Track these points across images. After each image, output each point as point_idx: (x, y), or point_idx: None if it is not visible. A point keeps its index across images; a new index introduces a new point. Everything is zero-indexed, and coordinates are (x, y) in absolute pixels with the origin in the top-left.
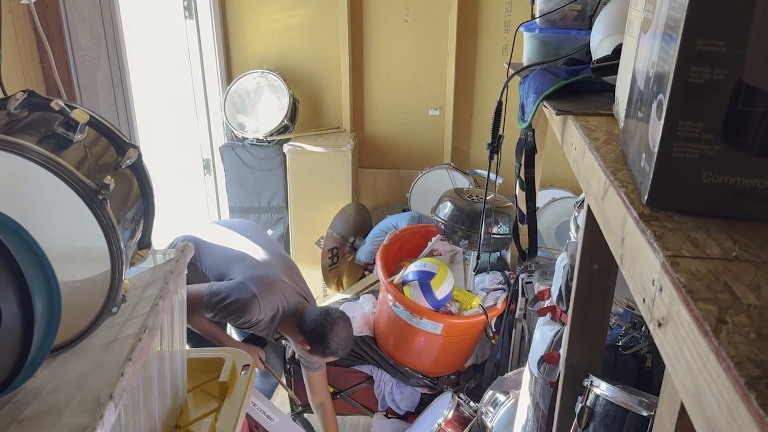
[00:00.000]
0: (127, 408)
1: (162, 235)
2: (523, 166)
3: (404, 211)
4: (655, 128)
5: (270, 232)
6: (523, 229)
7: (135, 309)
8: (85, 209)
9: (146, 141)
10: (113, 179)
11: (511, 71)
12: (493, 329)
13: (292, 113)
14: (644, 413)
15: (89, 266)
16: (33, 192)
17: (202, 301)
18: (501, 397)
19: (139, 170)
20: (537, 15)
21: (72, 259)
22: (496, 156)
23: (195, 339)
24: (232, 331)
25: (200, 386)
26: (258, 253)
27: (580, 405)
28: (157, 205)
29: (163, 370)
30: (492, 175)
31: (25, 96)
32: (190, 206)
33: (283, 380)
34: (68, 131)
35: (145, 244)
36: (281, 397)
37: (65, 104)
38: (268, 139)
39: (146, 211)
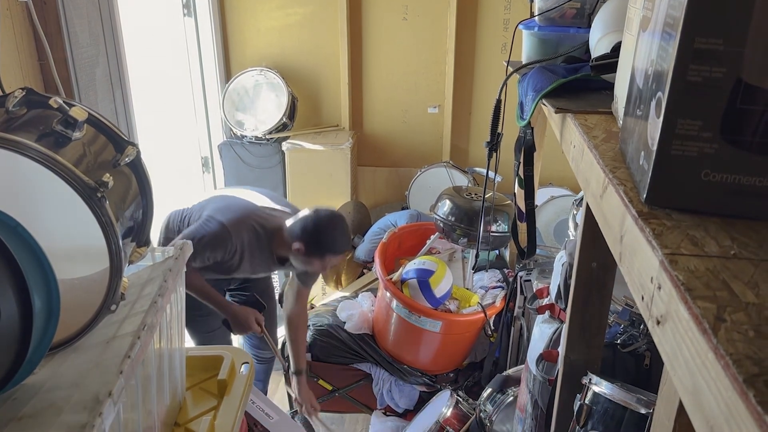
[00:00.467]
0: (126, 406)
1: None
2: (522, 164)
3: (403, 209)
4: (654, 126)
5: None
6: (522, 227)
7: (134, 307)
8: (83, 207)
9: (145, 139)
10: (112, 177)
11: (510, 69)
12: (492, 327)
13: (291, 111)
14: (643, 411)
15: (88, 264)
16: (31, 189)
17: None
18: (499, 395)
19: (137, 168)
20: (536, 13)
21: (71, 256)
22: (495, 154)
23: (194, 326)
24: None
25: (199, 384)
26: (235, 193)
27: (579, 403)
28: (156, 203)
29: (162, 368)
30: (491, 173)
31: (24, 93)
32: (189, 204)
33: (278, 349)
34: (67, 129)
35: (143, 241)
36: (280, 394)
37: (64, 102)
38: (266, 137)
39: (145, 209)
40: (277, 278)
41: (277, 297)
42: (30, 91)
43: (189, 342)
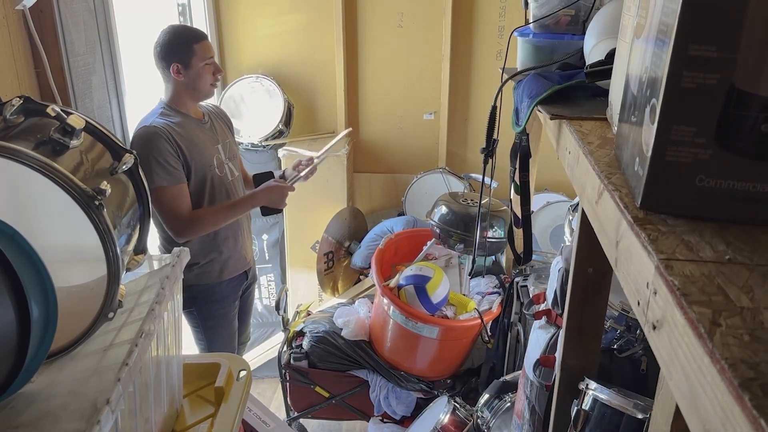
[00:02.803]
0: (124, 414)
1: (157, 240)
2: (517, 170)
3: (399, 215)
4: (649, 132)
5: (265, 237)
6: (518, 232)
7: (131, 314)
8: (81, 214)
9: None
10: (109, 184)
11: (506, 76)
12: (489, 333)
13: (287, 118)
14: (640, 416)
15: (85, 271)
16: (29, 197)
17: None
18: (497, 401)
19: (135, 175)
20: (531, 20)
21: (68, 264)
22: (490, 160)
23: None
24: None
25: (196, 391)
26: None
27: (576, 408)
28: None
29: (160, 376)
30: (487, 179)
31: (21, 102)
32: None
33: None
34: (64, 137)
35: (141, 249)
36: (277, 402)
37: (61, 110)
38: (263, 143)
39: (142, 217)
40: (274, 284)
41: (273, 304)
42: (27, 99)
43: (190, 350)
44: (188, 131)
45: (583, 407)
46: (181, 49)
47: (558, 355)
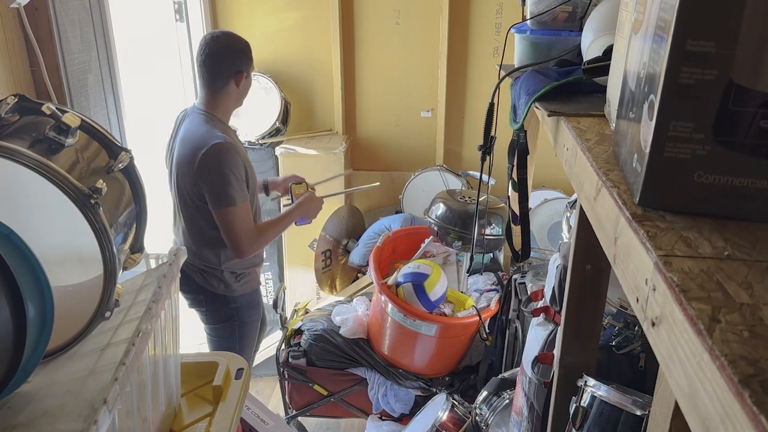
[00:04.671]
0: (121, 413)
1: (155, 240)
2: (515, 167)
3: (397, 213)
4: (647, 129)
5: None
6: (516, 229)
7: (128, 313)
8: (77, 213)
9: (138, 144)
10: (105, 183)
11: (503, 73)
12: (487, 330)
13: (284, 116)
14: (638, 413)
15: (82, 271)
16: (24, 196)
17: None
18: (495, 398)
19: (131, 174)
20: (528, 17)
21: (64, 263)
22: (488, 157)
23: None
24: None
25: (194, 390)
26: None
27: (575, 405)
28: (150, 209)
29: (157, 375)
30: (484, 177)
31: (16, 100)
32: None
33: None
34: (60, 135)
35: (137, 248)
36: (275, 400)
37: (56, 108)
38: (260, 141)
39: (139, 215)
40: (272, 282)
41: (271, 303)
42: (22, 97)
43: (188, 348)
44: (240, 145)
45: (581, 404)
46: (248, 57)
47: (556, 352)
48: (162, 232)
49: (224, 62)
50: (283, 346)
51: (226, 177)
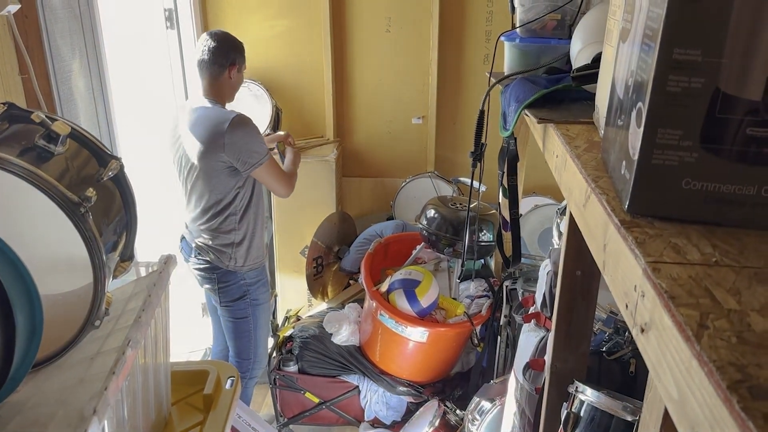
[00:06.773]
0: (111, 422)
1: (145, 248)
2: (505, 174)
3: (389, 219)
4: (635, 136)
5: None
6: (507, 236)
7: (118, 322)
8: (66, 222)
9: (128, 152)
10: (95, 191)
11: (493, 80)
12: (479, 336)
13: (276, 123)
14: (629, 418)
15: (71, 279)
16: (14, 205)
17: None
18: (487, 405)
19: (121, 182)
20: (517, 25)
21: (54, 272)
22: (479, 164)
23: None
24: None
25: (184, 399)
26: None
27: (566, 411)
28: (140, 217)
29: (147, 383)
30: (475, 183)
31: (5, 108)
32: (173, 218)
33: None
34: (49, 143)
35: (127, 256)
36: (266, 408)
37: (46, 116)
38: None
39: (128, 223)
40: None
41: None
42: (11, 105)
43: (178, 357)
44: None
45: (572, 410)
46: (240, 51)
47: (547, 358)
48: (152, 239)
49: (221, 53)
50: (274, 353)
51: (257, 138)
